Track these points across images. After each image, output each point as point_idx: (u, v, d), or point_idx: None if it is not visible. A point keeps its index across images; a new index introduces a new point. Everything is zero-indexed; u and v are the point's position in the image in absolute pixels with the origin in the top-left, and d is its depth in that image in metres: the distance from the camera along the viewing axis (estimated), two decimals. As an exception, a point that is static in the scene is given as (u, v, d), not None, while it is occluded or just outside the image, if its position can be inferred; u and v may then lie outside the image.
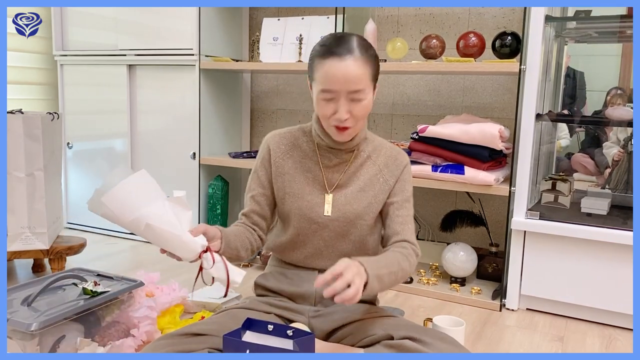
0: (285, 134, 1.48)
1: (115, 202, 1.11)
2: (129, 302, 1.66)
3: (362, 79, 1.27)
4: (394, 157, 1.46)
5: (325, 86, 1.27)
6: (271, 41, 2.62)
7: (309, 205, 1.40)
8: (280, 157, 1.45)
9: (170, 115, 2.81)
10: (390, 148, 1.49)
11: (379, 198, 1.42)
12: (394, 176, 1.44)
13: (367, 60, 1.28)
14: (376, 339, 1.27)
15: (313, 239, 1.42)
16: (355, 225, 1.40)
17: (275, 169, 1.45)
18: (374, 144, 1.47)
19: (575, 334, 1.90)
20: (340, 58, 1.25)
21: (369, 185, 1.42)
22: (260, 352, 1.13)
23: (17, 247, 2.08)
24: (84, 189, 3.11)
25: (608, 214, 2.10)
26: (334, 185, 1.42)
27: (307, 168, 1.43)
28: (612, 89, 2.32)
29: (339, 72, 1.25)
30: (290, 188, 1.43)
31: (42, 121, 2.09)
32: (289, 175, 1.43)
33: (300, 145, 1.45)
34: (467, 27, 2.48)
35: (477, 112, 2.50)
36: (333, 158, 1.42)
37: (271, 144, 1.47)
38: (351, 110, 1.29)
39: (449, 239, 2.50)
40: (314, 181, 1.42)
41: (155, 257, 2.65)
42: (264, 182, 1.46)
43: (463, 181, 2.10)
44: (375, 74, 1.33)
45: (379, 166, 1.44)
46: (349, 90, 1.26)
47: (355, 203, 1.40)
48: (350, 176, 1.42)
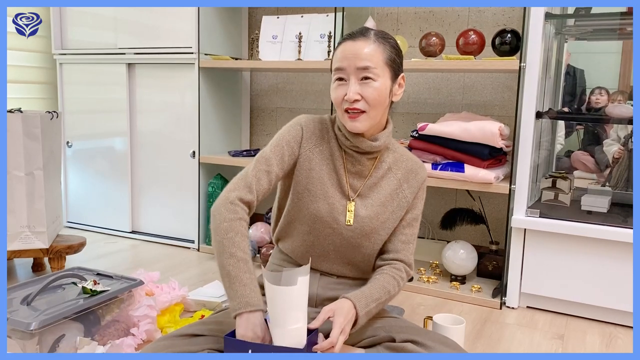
0: (319, 122, 1.40)
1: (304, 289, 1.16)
2: (129, 301, 1.66)
3: (372, 58, 1.26)
4: (414, 172, 1.41)
5: (337, 64, 1.29)
6: (270, 39, 2.61)
7: (329, 210, 1.35)
8: (311, 148, 1.37)
9: (169, 114, 2.81)
10: (411, 160, 1.43)
11: (396, 214, 1.39)
12: (412, 193, 1.40)
13: (381, 43, 1.29)
14: (377, 340, 1.27)
15: (324, 242, 1.38)
16: (370, 238, 1.37)
17: (302, 159, 1.36)
18: (395, 154, 1.42)
19: (576, 332, 1.90)
20: (354, 39, 1.28)
21: (389, 200, 1.38)
22: (263, 352, 1.12)
23: (16, 246, 2.08)
24: (83, 188, 3.11)
25: (608, 212, 2.09)
26: (356, 193, 1.37)
27: (333, 169, 1.37)
28: (595, 88, 2.32)
29: (349, 48, 1.27)
30: (313, 186, 1.35)
31: (42, 120, 2.08)
32: (314, 172, 1.36)
33: (329, 141, 1.38)
34: (467, 25, 2.48)
35: (477, 110, 2.50)
36: (356, 163, 1.37)
37: (305, 130, 1.37)
38: (362, 92, 1.26)
39: (449, 237, 2.50)
40: (338, 185, 1.37)
41: (155, 256, 2.66)
42: (287, 161, 1.34)
43: (463, 179, 2.10)
44: (392, 60, 1.30)
45: (399, 180, 1.39)
46: (358, 66, 1.25)
47: (375, 217, 1.36)
48: (371, 187, 1.38)
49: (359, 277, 1.45)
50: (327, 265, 1.41)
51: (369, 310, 1.27)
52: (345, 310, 1.23)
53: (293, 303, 1.14)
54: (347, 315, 1.22)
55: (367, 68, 1.25)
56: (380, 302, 1.30)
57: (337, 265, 1.41)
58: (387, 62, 1.29)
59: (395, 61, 1.31)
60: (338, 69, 1.29)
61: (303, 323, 1.15)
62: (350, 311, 1.23)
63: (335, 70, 1.30)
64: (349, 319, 1.22)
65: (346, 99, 1.27)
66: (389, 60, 1.29)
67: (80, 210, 3.13)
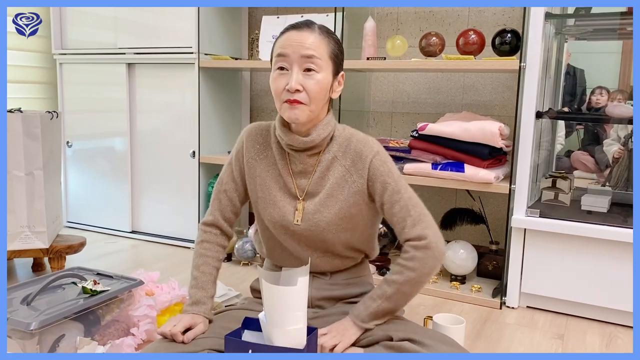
0: (263, 130, 1.42)
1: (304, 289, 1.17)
2: (129, 301, 1.66)
3: (317, 48, 1.25)
4: (359, 153, 1.33)
5: (279, 50, 1.26)
6: (270, 39, 2.61)
7: (281, 213, 1.36)
8: (253, 157, 1.40)
9: (169, 113, 2.80)
10: (357, 142, 1.34)
11: (350, 201, 1.33)
12: (362, 176, 1.32)
13: (326, 37, 1.28)
14: (375, 339, 1.27)
15: (291, 243, 1.39)
16: (330, 231, 1.34)
17: (248, 169, 1.41)
18: (340, 140, 1.35)
19: (576, 332, 1.90)
20: (299, 29, 1.27)
21: (337, 189, 1.33)
22: (263, 352, 1.12)
23: (16, 246, 2.08)
24: (83, 188, 3.11)
25: (608, 212, 2.09)
26: (304, 192, 1.36)
27: (278, 173, 1.38)
28: (596, 88, 2.32)
29: (294, 37, 1.26)
30: (262, 193, 1.39)
31: (42, 120, 2.08)
32: (260, 178, 1.39)
33: (272, 146, 1.39)
34: (467, 25, 2.48)
35: (477, 110, 2.50)
36: (298, 163, 1.35)
37: (246, 141, 1.42)
38: (304, 83, 1.24)
39: (449, 237, 2.49)
40: (285, 187, 1.37)
41: (155, 256, 2.66)
42: (237, 177, 1.43)
43: (463, 179, 2.10)
44: (335, 55, 1.30)
45: (345, 167, 1.34)
46: (302, 54, 1.23)
47: (325, 211, 1.33)
48: (317, 182, 1.35)
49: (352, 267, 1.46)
50: (313, 263, 1.40)
51: (370, 312, 1.29)
52: (341, 322, 1.30)
53: (293, 303, 1.14)
54: (340, 325, 1.29)
55: (311, 57, 1.24)
56: (383, 299, 1.28)
57: (319, 261, 1.41)
58: (331, 55, 1.28)
59: (338, 56, 1.31)
60: (280, 55, 1.26)
61: (303, 323, 1.15)
62: (344, 322, 1.30)
63: (277, 57, 1.27)
64: (342, 327, 1.28)
65: (287, 89, 1.24)
66: (332, 54, 1.28)
67: (80, 210, 3.13)
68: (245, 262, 2.50)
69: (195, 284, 1.36)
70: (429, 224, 1.28)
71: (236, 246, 2.47)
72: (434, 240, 1.25)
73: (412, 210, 1.28)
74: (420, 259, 1.25)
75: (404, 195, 1.29)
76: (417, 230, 1.27)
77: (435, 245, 1.26)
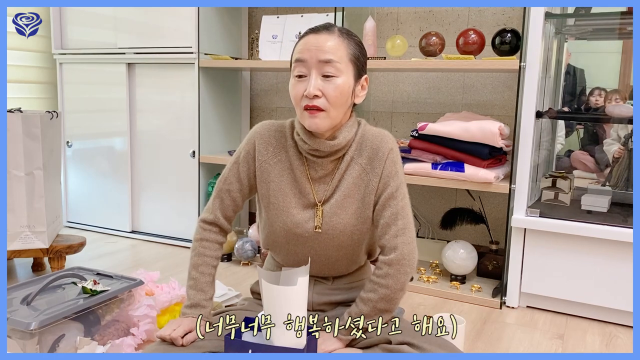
0: (276, 131, 1.37)
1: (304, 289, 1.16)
2: (129, 300, 1.66)
3: (336, 52, 1.21)
4: (375, 150, 1.31)
5: (297, 56, 1.23)
6: (270, 39, 2.61)
7: (295, 221, 1.32)
8: (267, 160, 1.35)
9: (169, 113, 2.80)
10: (373, 137, 1.32)
11: (366, 200, 1.31)
12: (377, 174, 1.30)
13: (345, 39, 1.25)
14: (374, 341, 1.27)
15: (304, 249, 1.36)
16: (345, 234, 1.32)
17: (260, 173, 1.36)
18: (357, 139, 1.33)
19: (576, 332, 1.90)
20: (317, 33, 1.24)
21: (353, 189, 1.31)
22: (263, 352, 1.12)
23: (16, 246, 2.08)
24: (83, 188, 3.11)
25: (608, 212, 2.09)
26: (324, 197, 1.32)
27: (294, 178, 1.33)
28: (595, 89, 2.32)
29: (312, 41, 1.23)
30: (275, 199, 1.34)
31: (42, 120, 2.08)
32: (274, 184, 1.34)
33: (288, 149, 1.34)
34: (467, 24, 2.48)
35: (477, 110, 2.49)
36: (318, 169, 1.32)
37: (258, 142, 1.36)
38: (323, 88, 1.21)
39: (449, 237, 2.50)
40: (300, 194, 1.33)
41: (155, 255, 2.66)
42: (244, 178, 1.37)
43: (463, 179, 2.10)
44: (356, 57, 1.26)
45: (361, 165, 1.31)
46: (320, 59, 1.20)
47: (342, 213, 1.31)
48: (337, 185, 1.32)
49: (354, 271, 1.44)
50: (317, 268, 1.39)
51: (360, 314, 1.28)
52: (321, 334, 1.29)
53: (293, 303, 1.14)
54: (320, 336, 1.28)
55: (330, 62, 1.20)
56: (359, 314, 1.28)
57: (327, 267, 1.39)
58: (352, 58, 1.24)
59: (360, 59, 1.27)
60: (298, 60, 1.23)
61: (303, 323, 1.15)
62: (323, 334, 1.29)
63: (295, 63, 1.24)
64: (320, 340, 1.27)
65: (306, 95, 1.21)
66: (353, 56, 1.25)
67: (80, 210, 3.13)
68: (245, 262, 2.50)
69: (194, 284, 1.34)
70: (409, 239, 1.28)
71: (236, 246, 2.47)
72: (407, 256, 1.26)
73: (399, 221, 1.28)
74: (393, 276, 1.26)
75: (399, 203, 1.29)
76: (395, 241, 1.27)
77: (407, 261, 1.26)
